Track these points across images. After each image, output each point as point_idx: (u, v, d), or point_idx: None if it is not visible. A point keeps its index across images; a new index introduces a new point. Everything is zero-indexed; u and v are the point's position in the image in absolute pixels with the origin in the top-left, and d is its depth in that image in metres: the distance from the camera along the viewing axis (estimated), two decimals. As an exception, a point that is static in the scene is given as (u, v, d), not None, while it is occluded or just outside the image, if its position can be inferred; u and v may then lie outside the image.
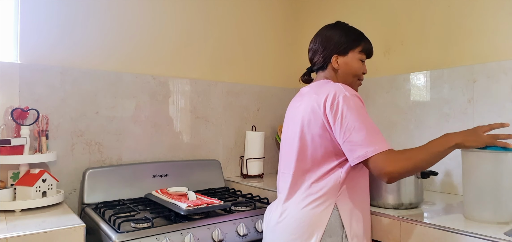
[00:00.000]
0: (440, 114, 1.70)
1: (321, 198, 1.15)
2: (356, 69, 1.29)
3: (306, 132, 1.19)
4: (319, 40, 1.32)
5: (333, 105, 1.11)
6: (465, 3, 1.65)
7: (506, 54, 1.52)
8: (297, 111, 1.25)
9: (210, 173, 2.01)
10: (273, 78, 2.43)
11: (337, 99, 1.11)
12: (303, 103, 1.24)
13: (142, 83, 1.89)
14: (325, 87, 1.19)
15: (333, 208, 1.14)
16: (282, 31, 2.47)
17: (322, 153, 1.16)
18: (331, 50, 1.28)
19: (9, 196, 1.40)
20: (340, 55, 1.28)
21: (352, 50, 1.29)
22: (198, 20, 2.09)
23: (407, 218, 1.23)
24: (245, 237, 1.46)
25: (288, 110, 1.36)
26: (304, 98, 1.26)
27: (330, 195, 1.15)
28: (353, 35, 1.30)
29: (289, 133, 1.28)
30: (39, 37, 1.63)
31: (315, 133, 1.16)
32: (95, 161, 1.75)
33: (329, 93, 1.14)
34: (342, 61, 1.28)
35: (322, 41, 1.30)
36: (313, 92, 1.22)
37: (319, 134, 1.15)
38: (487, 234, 1.03)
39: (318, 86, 1.23)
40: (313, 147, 1.17)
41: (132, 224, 1.30)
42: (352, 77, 1.30)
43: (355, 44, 1.29)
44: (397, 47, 1.90)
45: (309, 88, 1.28)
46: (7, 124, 1.52)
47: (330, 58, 1.29)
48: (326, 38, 1.30)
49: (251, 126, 2.28)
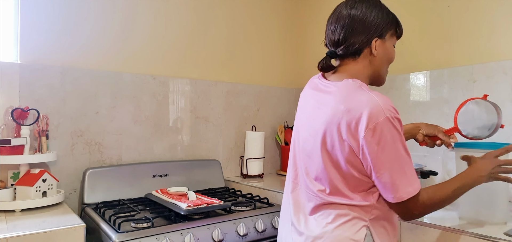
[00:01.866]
0: (440, 114, 1.70)
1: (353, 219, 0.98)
2: (393, 55, 1.09)
3: (329, 153, 0.98)
4: (353, 17, 1.03)
5: (367, 133, 0.91)
6: (465, 3, 1.65)
7: (506, 54, 1.52)
8: (318, 118, 1.01)
9: (210, 173, 2.01)
10: (273, 78, 2.43)
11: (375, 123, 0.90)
12: (326, 108, 0.99)
13: (142, 83, 1.89)
14: (357, 99, 0.94)
15: (366, 229, 0.97)
16: (282, 31, 2.47)
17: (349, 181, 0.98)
18: (371, 32, 1.03)
19: (9, 196, 1.40)
20: (379, 38, 1.04)
21: (389, 32, 1.07)
22: (198, 20, 2.09)
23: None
24: (245, 237, 1.46)
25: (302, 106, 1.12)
26: (326, 101, 1.01)
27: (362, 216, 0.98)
28: (389, 13, 1.08)
29: (306, 143, 1.05)
30: (39, 37, 1.63)
31: (341, 159, 0.96)
32: (95, 161, 1.75)
33: (362, 112, 0.91)
34: (381, 46, 1.05)
35: (358, 19, 1.03)
36: (340, 101, 0.96)
37: (345, 161, 0.96)
38: (487, 234, 1.03)
39: (347, 93, 0.97)
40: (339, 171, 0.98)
41: (132, 224, 1.31)
42: (387, 65, 1.10)
43: (392, 24, 1.07)
44: (397, 47, 1.89)
45: (334, 89, 1.01)
46: (7, 124, 1.52)
47: (370, 42, 1.03)
48: (363, 15, 1.03)
49: (251, 126, 2.28)
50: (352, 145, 0.93)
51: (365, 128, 0.90)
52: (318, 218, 1.01)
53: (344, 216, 0.97)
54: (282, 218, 1.15)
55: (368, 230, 0.97)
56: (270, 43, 2.41)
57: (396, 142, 0.92)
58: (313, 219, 1.02)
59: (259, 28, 2.35)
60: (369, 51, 1.04)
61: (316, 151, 1.00)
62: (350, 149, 0.94)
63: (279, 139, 2.36)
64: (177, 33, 2.02)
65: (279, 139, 2.36)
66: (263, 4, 2.36)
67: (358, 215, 0.97)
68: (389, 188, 0.93)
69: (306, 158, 1.05)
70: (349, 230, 0.96)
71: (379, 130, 0.90)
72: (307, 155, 1.05)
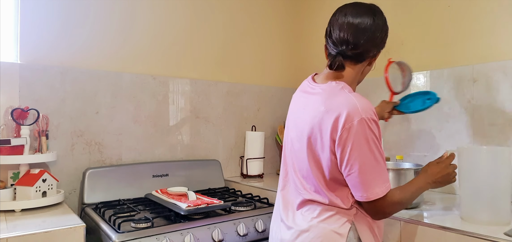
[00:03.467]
0: (440, 114, 1.70)
1: (337, 214, 1.03)
2: None
3: (313, 150, 1.04)
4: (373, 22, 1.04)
5: (344, 130, 0.95)
6: (465, 3, 1.65)
7: (506, 54, 1.52)
8: (303, 117, 1.08)
9: (210, 173, 2.01)
10: (273, 78, 2.43)
11: (350, 123, 0.95)
12: (309, 109, 1.06)
13: (142, 83, 1.89)
14: (336, 101, 1.00)
15: (350, 223, 1.02)
16: (282, 31, 2.47)
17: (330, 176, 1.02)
18: (381, 43, 1.08)
19: (9, 196, 1.40)
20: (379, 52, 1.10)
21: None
22: (198, 20, 2.09)
23: (407, 218, 1.23)
24: (245, 237, 1.46)
25: (292, 108, 1.19)
26: (309, 102, 1.07)
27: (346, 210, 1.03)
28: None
29: (294, 142, 1.12)
30: (39, 37, 1.63)
31: (323, 156, 1.02)
32: (95, 161, 1.75)
33: (341, 113, 0.96)
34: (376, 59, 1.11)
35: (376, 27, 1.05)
36: (321, 102, 1.02)
37: (327, 158, 1.01)
38: (487, 234, 1.03)
39: (329, 95, 1.02)
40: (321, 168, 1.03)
41: (132, 224, 1.30)
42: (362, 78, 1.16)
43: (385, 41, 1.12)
44: (397, 47, 1.90)
45: (318, 91, 1.07)
46: (7, 124, 1.52)
47: (376, 54, 1.09)
48: (381, 24, 1.06)
49: (251, 126, 2.28)
50: (330, 144, 0.98)
51: (341, 127, 0.95)
52: (304, 213, 1.07)
53: (329, 211, 1.03)
54: (274, 214, 1.22)
55: (352, 224, 1.02)
56: (270, 43, 2.41)
57: (370, 142, 0.96)
58: (300, 214, 1.08)
59: (259, 28, 2.35)
60: (369, 62, 1.09)
61: (302, 150, 1.06)
62: (330, 148, 0.99)
63: (279, 139, 2.36)
64: (177, 33, 2.02)
65: (279, 139, 2.36)
66: (263, 4, 2.36)
67: (342, 210, 1.03)
68: (358, 186, 0.98)
69: (295, 156, 1.11)
70: (334, 223, 1.02)
71: (354, 129, 0.95)
72: (295, 154, 1.11)
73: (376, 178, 0.97)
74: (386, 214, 1.02)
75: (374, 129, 0.97)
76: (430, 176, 1.12)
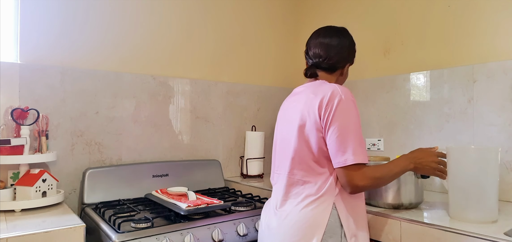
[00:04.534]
0: (440, 114, 1.70)
1: (320, 198, 1.15)
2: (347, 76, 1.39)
3: (303, 131, 1.19)
4: (340, 44, 1.31)
5: (328, 106, 1.14)
6: (465, 3, 1.65)
7: (506, 54, 1.52)
8: (294, 111, 1.25)
9: (210, 173, 2.01)
10: (273, 78, 2.43)
11: (332, 101, 1.14)
12: (300, 103, 1.23)
13: (142, 83, 1.89)
14: (322, 88, 1.20)
15: (332, 207, 1.14)
16: (282, 31, 2.47)
17: (318, 153, 1.17)
18: (349, 57, 1.33)
19: (9, 196, 1.40)
20: (350, 63, 1.35)
21: (352, 60, 1.37)
22: (198, 20, 2.09)
23: (407, 218, 1.23)
24: (245, 237, 1.46)
25: (282, 110, 1.35)
26: (300, 98, 1.26)
27: (328, 195, 1.15)
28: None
29: (284, 133, 1.28)
30: (39, 37, 1.63)
31: (311, 133, 1.17)
32: (95, 161, 1.75)
33: (326, 94, 1.16)
34: (347, 70, 1.35)
35: (344, 45, 1.31)
36: (310, 92, 1.22)
37: (314, 134, 1.16)
38: (487, 234, 1.03)
39: (316, 86, 1.23)
40: (309, 147, 1.18)
41: (132, 224, 1.30)
42: (344, 83, 1.39)
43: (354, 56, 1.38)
44: (397, 47, 1.90)
45: (305, 88, 1.28)
46: (7, 124, 1.52)
47: (346, 64, 1.33)
48: (348, 43, 1.33)
49: (251, 126, 2.28)
50: (318, 119, 1.15)
51: (326, 104, 1.14)
52: (290, 200, 1.21)
53: (312, 196, 1.16)
54: (265, 205, 1.35)
55: (334, 209, 1.14)
56: (270, 43, 2.41)
57: (349, 115, 1.13)
58: (286, 202, 1.22)
59: (259, 28, 2.35)
60: (341, 72, 1.33)
61: (292, 136, 1.22)
62: (317, 123, 1.15)
63: (279, 139, 2.36)
64: (177, 33, 2.02)
65: (279, 139, 2.36)
66: (263, 4, 2.36)
67: (325, 194, 1.15)
68: (337, 151, 1.11)
69: (283, 144, 1.27)
70: (317, 208, 1.14)
71: (336, 103, 1.13)
72: (285, 143, 1.26)
73: (354, 145, 1.10)
74: (360, 188, 1.11)
75: (353, 106, 1.15)
76: (413, 158, 1.23)
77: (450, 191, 1.23)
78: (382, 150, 1.93)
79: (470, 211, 1.17)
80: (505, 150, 1.50)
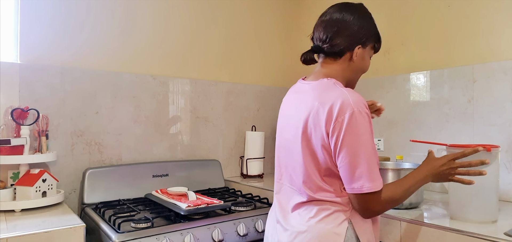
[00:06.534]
0: (440, 114, 1.70)
1: (335, 213, 1.01)
2: (367, 65, 1.14)
3: (308, 145, 1.03)
4: (343, 20, 1.08)
5: (336, 123, 0.96)
6: (465, 3, 1.65)
7: (506, 54, 1.52)
8: (297, 114, 1.07)
9: (210, 173, 2.01)
10: (273, 78, 2.43)
11: (342, 116, 0.96)
12: (303, 106, 1.06)
13: (142, 83, 1.89)
14: (330, 94, 1.01)
15: (347, 222, 1.01)
16: (282, 32, 2.47)
17: (326, 171, 1.02)
18: (357, 39, 1.08)
19: (9, 196, 1.40)
20: (362, 46, 1.09)
21: (370, 44, 1.12)
22: (198, 21, 2.09)
23: (407, 218, 1.23)
24: (245, 237, 1.46)
25: (284, 109, 1.18)
26: (303, 102, 1.07)
27: (343, 209, 1.02)
28: (375, 27, 1.14)
29: (288, 139, 1.11)
30: (39, 37, 1.63)
31: (317, 149, 1.01)
32: (95, 161, 1.75)
33: (335, 104, 0.97)
34: (360, 54, 1.10)
35: (348, 24, 1.08)
36: (315, 97, 1.03)
37: (321, 152, 1.00)
38: (487, 234, 1.03)
39: (322, 90, 1.04)
40: (317, 163, 1.03)
41: (132, 224, 1.30)
42: (360, 73, 1.15)
43: (375, 37, 1.13)
44: (397, 47, 1.90)
45: (310, 88, 1.08)
46: (7, 124, 1.52)
47: (353, 47, 1.08)
48: (353, 21, 1.08)
49: (251, 126, 2.28)
50: (325, 136, 0.98)
51: (334, 119, 0.96)
52: (301, 213, 1.05)
53: (326, 210, 1.01)
54: (269, 217, 1.21)
55: (350, 223, 1.00)
56: (270, 43, 2.41)
57: (362, 133, 0.96)
58: (297, 214, 1.06)
59: (259, 28, 2.35)
60: (350, 56, 1.09)
61: (297, 147, 1.05)
62: (324, 140, 0.99)
63: (279, 139, 2.36)
64: (177, 33, 2.02)
65: (279, 139, 2.36)
66: (263, 4, 2.36)
67: (339, 209, 1.01)
68: (349, 178, 0.97)
69: (289, 155, 1.11)
70: (332, 223, 1.00)
71: (347, 120, 0.95)
72: (289, 153, 1.10)
73: (367, 170, 0.96)
74: (375, 213, 1.00)
75: (366, 121, 0.97)
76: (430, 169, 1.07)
77: (450, 191, 1.23)
78: (382, 150, 1.93)
79: (470, 211, 1.17)
80: (505, 150, 1.50)
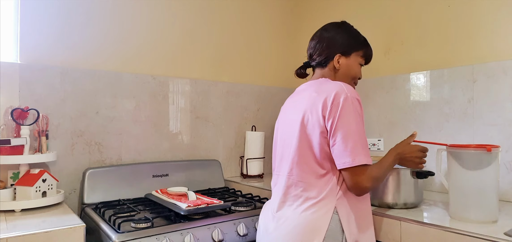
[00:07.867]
0: (440, 114, 1.70)
1: (321, 202, 1.11)
2: (356, 72, 1.31)
3: (305, 131, 1.16)
4: (323, 36, 1.30)
5: (332, 106, 1.11)
6: (465, 3, 1.65)
7: (506, 54, 1.52)
8: (295, 110, 1.22)
9: (210, 173, 2.01)
10: (273, 78, 2.43)
11: (338, 100, 1.11)
12: (302, 102, 1.21)
13: (142, 83, 1.89)
14: (325, 86, 1.18)
15: (332, 212, 1.10)
16: (282, 31, 2.47)
17: (320, 154, 1.14)
18: (335, 49, 1.28)
19: (9, 196, 1.40)
20: (343, 55, 1.28)
21: (355, 53, 1.29)
22: (198, 20, 2.09)
23: (407, 218, 1.23)
24: (245, 237, 1.46)
25: (283, 111, 1.34)
26: (302, 97, 1.24)
27: (329, 199, 1.11)
28: (358, 38, 1.31)
29: (285, 134, 1.26)
30: (39, 37, 1.63)
31: (314, 133, 1.14)
32: (95, 161, 1.75)
33: (330, 93, 1.13)
34: (344, 62, 1.28)
35: (327, 39, 1.29)
36: (313, 91, 1.20)
37: (317, 134, 1.13)
38: (487, 234, 1.03)
39: (318, 85, 1.22)
40: (311, 148, 1.15)
41: (132, 224, 1.30)
42: (350, 80, 1.30)
43: (359, 47, 1.30)
44: (397, 47, 1.90)
45: (307, 86, 1.27)
46: (7, 124, 1.52)
47: (332, 56, 1.28)
48: (331, 36, 1.30)
49: (251, 126, 2.28)
50: (321, 120, 1.13)
51: (330, 104, 1.12)
52: (290, 203, 1.18)
53: (312, 199, 1.13)
54: (264, 207, 1.34)
55: (335, 213, 1.11)
56: (270, 43, 2.41)
57: (354, 116, 1.11)
58: (286, 205, 1.19)
59: (259, 28, 2.35)
60: (333, 64, 1.28)
61: (294, 137, 1.19)
62: (320, 124, 1.13)
63: (279, 139, 2.36)
64: (177, 33, 2.02)
65: (279, 139, 2.36)
66: (263, 4, 2.36)
67: (326, 200, 1.12)
68: (343, 152, 1.09)
69: (285, 145, 1.25)
70: (317, 213, 1.11)
71: (341, 104, 1.11)
72: (285, 142, 1.25)
73: (359, 146, 1.09)
74: (366, 189, 1.10)
75: (358, 107, 1.13)
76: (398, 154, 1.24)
77: (450, 191, 1.23)
78: (382, 150, 1.93)
79: (470, 211, 1.17)
80: (505, 150, 1.50)
